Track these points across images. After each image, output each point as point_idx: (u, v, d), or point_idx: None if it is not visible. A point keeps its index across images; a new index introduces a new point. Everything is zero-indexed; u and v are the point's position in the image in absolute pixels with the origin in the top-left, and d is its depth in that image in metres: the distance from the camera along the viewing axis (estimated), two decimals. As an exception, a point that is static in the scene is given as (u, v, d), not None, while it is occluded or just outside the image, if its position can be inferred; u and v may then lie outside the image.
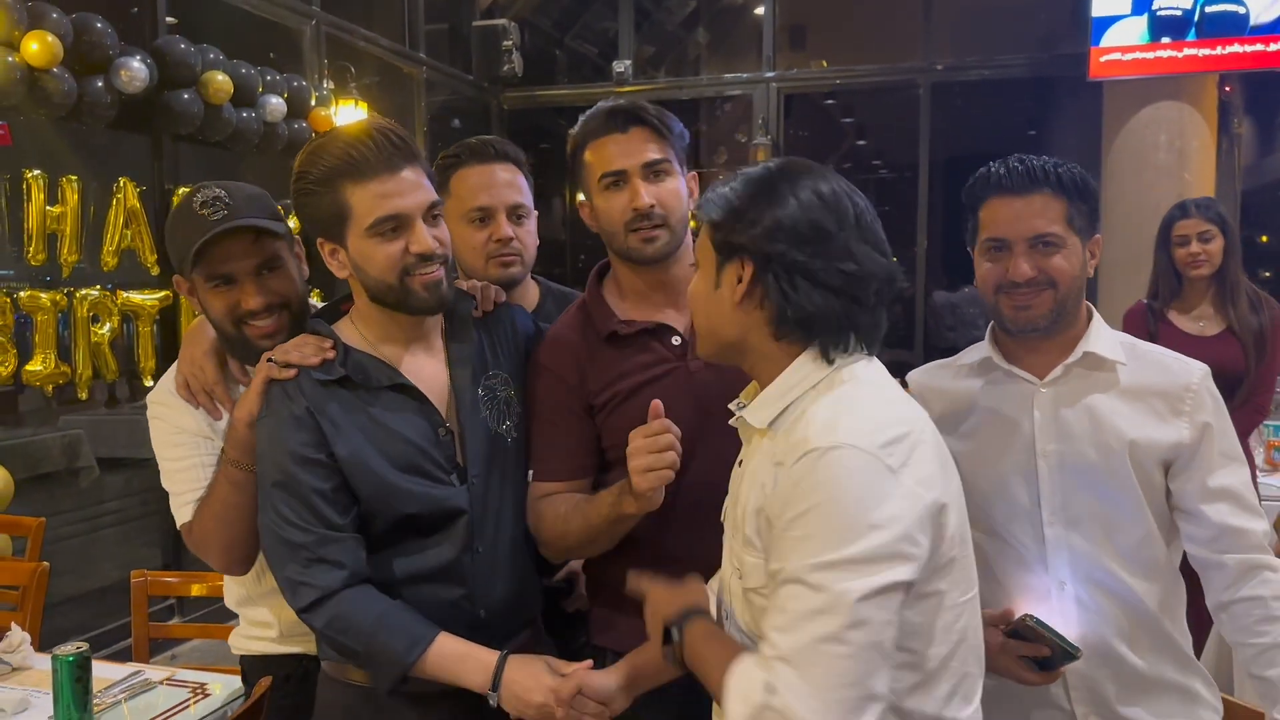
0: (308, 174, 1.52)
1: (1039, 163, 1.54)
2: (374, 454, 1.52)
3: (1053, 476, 1.56)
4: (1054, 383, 1.58)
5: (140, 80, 3.93)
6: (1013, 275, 1.53)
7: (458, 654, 1.49)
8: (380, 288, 1.53)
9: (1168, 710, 1.55)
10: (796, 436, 1.18)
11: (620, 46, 7.47)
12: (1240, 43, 5.83)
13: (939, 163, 7.76)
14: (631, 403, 1.63)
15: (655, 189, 1.60)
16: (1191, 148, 6.05)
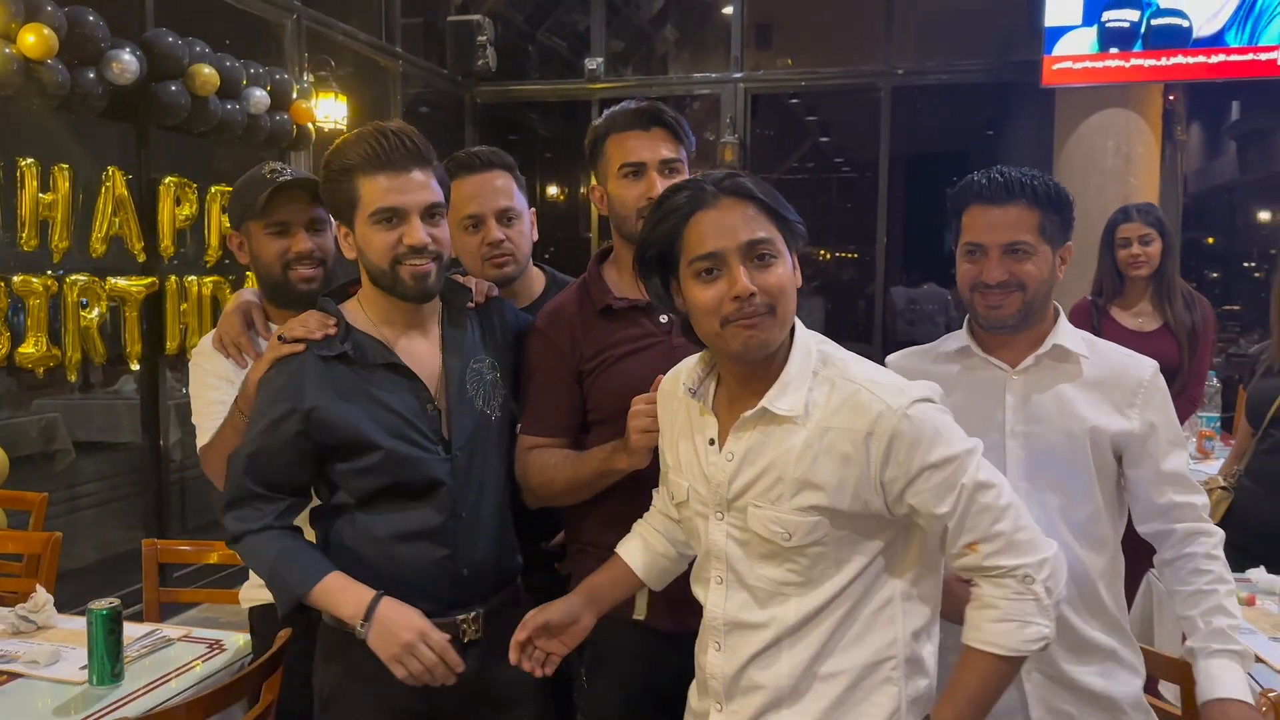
0: (332, 163, 1.74)
1: (1017, 175, 1.70)
2: (366, 420, 1.71)
3: (1019, 455, 1.72)
4: (1025, 371, 1.75)
5: (131, 72, 4.04)
6: (985, 278, 1.70)
7: (338, 587, 1.70)
8: (375, 271, 1.75)
9: (1101, 670, 1.73)
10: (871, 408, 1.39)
11: (592, 43, 7.64)
12: (1184, 54, 6.13)
13: (900, 162, 8.02)
14: (618, 368, 1.84)
15: (668, 183, 1.77)
16: (1137, 153, 6.35)
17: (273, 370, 1.76)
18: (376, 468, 1.72)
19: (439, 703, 1.75)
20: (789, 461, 1.42)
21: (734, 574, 1.49)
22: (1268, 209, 11.06)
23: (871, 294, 7.52)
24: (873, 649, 1.44)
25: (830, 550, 1.42)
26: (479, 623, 1.78)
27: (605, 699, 1.87)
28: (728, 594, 1.50)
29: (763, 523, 1.43)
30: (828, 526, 1.41)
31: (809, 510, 1.40)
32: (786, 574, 1.44)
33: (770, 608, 1.46)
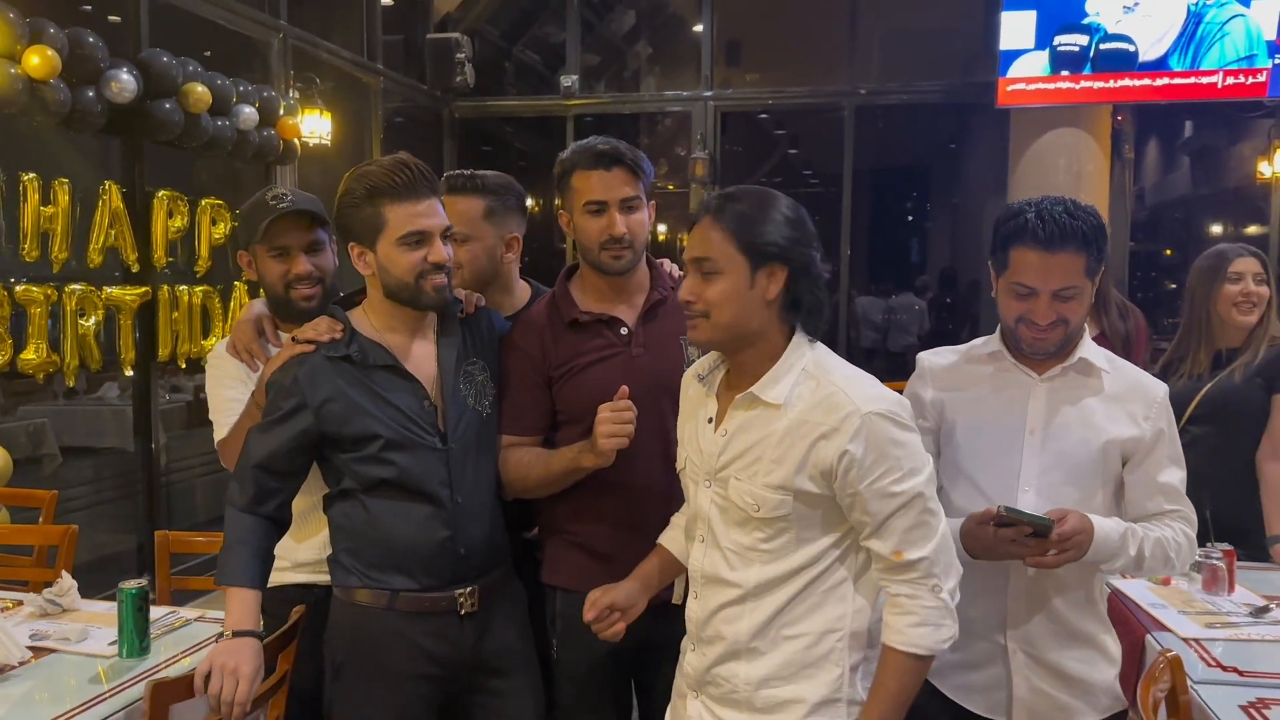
0: (354, 190, 1.93)
1: (1067, 220, 1.76)
2: (370, 413, 1.93)
3: (1035, 453, 1.85)
4: (1051, 379, 1.87)
5: (129, 91, 4.22)
6: (1035, 318, 1.79)
7: (234, 601, 1.90)
8: (398, 286, 1.95)
9: (1084, 657, 1.87)
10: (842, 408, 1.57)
11: (567, 59, 7.87)
12: (1130, 77, 6.45)
13: (864, 177, 8.30)
14: (584, 375, 2.05)
15: (627, 220, 2.02)
16: (1088, 171, 6.67)
17: (284, 368, 1.97)
18: (379, 457, 1.93)
19: (440, 670, 1.97)
20: (769, 444, 1.62)
21: (712, 535, 1.70)
22: (1218, 222, 11.47)
23: (836, 304, 7.78)
24: (824, 621, 1.65)
25: (793, 528, 1.63)
26: (475, 597, 1.99)
27: (575, 663, 2.11)
28: (706, 551, 1.72)
29: (739, 493, 1.64)
30: (792, 505, 1.61)
31: (778, 488, 1.60)
32: (754, 541, 1.65)
33: (738, 569, 1.68)
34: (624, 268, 2.04)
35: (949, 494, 1.93)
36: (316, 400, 1.93)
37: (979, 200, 8.53)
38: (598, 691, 2.11)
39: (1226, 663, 1.99)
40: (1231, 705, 1.81)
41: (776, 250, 1.60)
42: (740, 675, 1.68)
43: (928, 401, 1.97)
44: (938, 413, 1.96)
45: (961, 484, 1.92)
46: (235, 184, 5.64)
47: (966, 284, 9.77)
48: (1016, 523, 1.71)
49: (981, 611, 1.87)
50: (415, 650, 1.95)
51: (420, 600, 1.96)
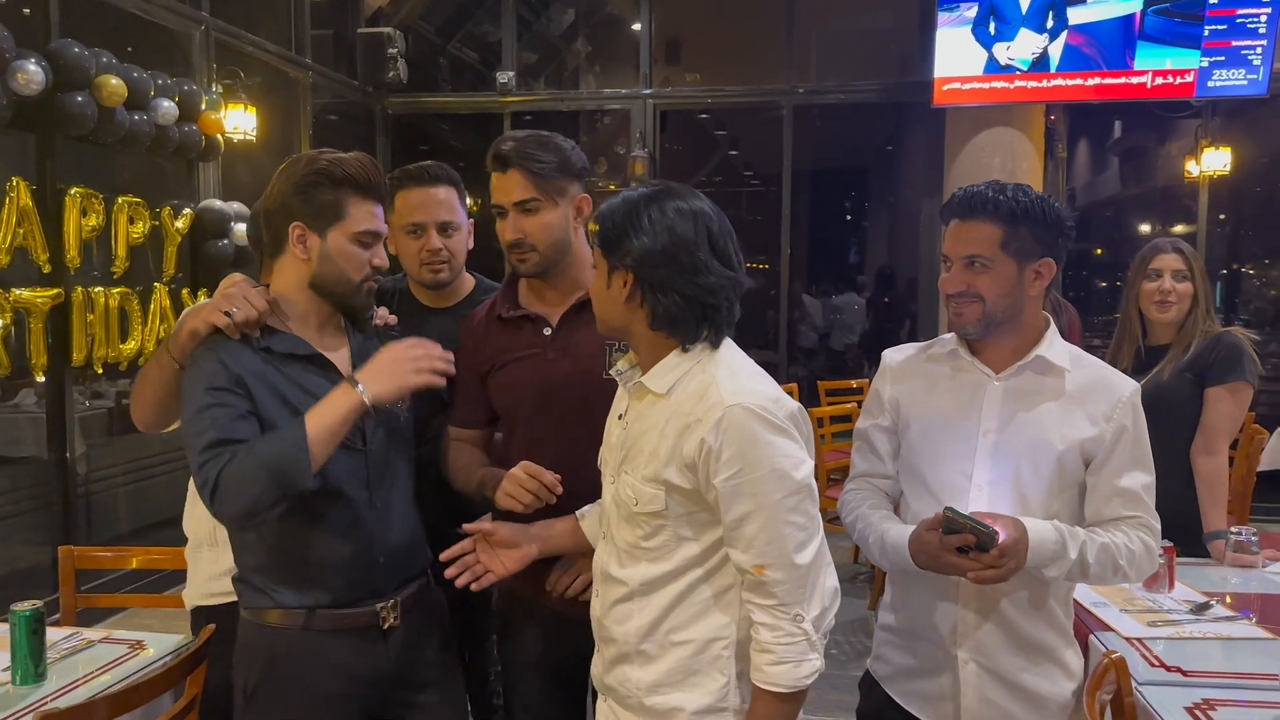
0: (323, 171, 1.82)
1: (987, 191, 1.75)
2: (293, 415, 1.78)
3: (987, 455, 1.79)
4: (1006, 378, 1.81)
5: (37, 83, 4.03)
6: (943, 287, 1.80)
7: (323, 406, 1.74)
8: (337, 281, 1.86)
9: (1040, 670, 1.80)
10: (709, 398, 1.54)
11: (504, 56, 7.75)
12: (1063, 77, 6.52)
13: (803, 177, 8.30)
14: (502, 374, 2.02)
15: (524, 222, 1.94)
16: (1022, 169, 6.73)
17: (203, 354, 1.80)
18: None
19: (362, 688, 1.86)
20: (650, 437, 1.60)
21: (609, 530, 1.70)
22: (1147, 221, 11.72)
23: (777, 303, 7.77)
24: (709, 627, 1.61)
25: (670, 525, 1.60)
26: (397, 611, 1.89)
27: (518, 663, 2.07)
28: (604, 548, 1.71)
29: (624, 487, 1.64)
30: (664, 501, 1.58)
31: (651, 481, 1.58)
32: (636, 538, 1.63)
33: (626, 567, 1.65)
34: (531, 271, 1.99)
35: (906, 495, 1.87)
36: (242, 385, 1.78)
37: (915, 200, 8.58)
38: (542, 689, 2.05)
39: (1170, 662, 1.96)
40: (1177, 707, 1.77)
41: (621, 260, 1.58)
42: (632, 679, 1.65)
43: (886, 399, 1.92)
44: (895, 410, 1.91)
45: (916, 485, 1.87)
46: (158, 181, 5.43)
47: (904, 283, 9.84)
48: (960, 528, 1.65)
49: (932, 619, 1.82)
50: (335, 670, 1.85)
51: (340, 617, 1.85)
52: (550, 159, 1.95)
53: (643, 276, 1.58)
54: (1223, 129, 6.94)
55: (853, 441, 2.00)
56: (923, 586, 1.83)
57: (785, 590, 1.52)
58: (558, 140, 1.99)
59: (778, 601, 1.53)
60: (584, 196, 2.02)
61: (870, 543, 1.84)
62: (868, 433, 1.95)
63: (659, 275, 1.57)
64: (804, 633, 1.53)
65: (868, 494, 1.92)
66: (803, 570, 1.52)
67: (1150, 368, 2.84)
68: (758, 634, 1.55)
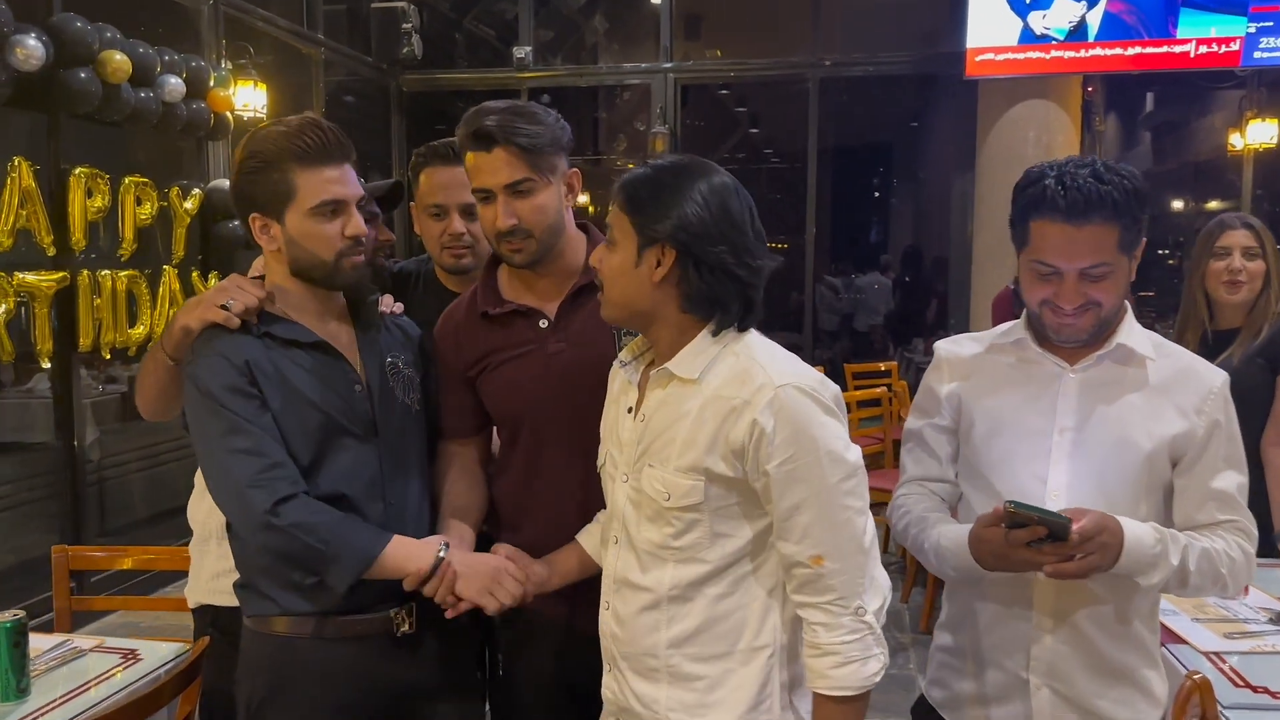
0: (258, 153, 1.66)
1: (1094, 187, 1.49)
2: (303, 405, 1.66)
3: (1063, 457, 1.59)
4: (1083, 369, 1.61)
5: (36, 58, 3.88)
6: (1060, 301, 1.54)
7: (406, 542, 1.66)
8: (312, 264, 1.69)
9: (1121, 696, 1.61)
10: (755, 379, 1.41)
11: (520, 32, 7.55)
12: (1101, 46, 6.27)
13: (828, 153, 8.09)
14: (496, 375, 1.81)
15: (518, 206, 1.70)
16: (1057, 143, 6.48)
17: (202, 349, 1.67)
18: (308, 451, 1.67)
19: (375, 699, 1.72)
20: (683, 425, 1.46)
21: (626, 534, 1.54)
22: (1180, 198, 11.42)
23: (803, 285, 7.57)
24: (754, 635, 1.47)
25: (705, 521, 1.45)
26: (413, 616, 1.74)
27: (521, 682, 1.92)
28: (620, 554, 1.55)
29: (650, 481, 1.48)
30: (704, 491, 1.44)
31: (689, 472, 1.44)
32: (665, 537, 1.47)
33: (651, 571, 1.49)
34: (526, 260, 1.76)
35: (968, 501, 1.69)
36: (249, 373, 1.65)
37: (944, 176, 8.35)
38: (548, 706, 1.88)
39: (1255, 681, 1.78)
40: (1269, 735, 1.59)
41: (665, 232, 1.43)
42: (661, 699, 1.49)
43: (943, 396, 1.72)
44: (955, 409, 1.71)
45: (980, 490, 1.67)
46: (166, 161, 5.29)
47: (931, 262, 9.62)
48: (1027, 521, 1.45)
49: (1001, 638, 1.64)
50: (347, 680, 1.70)
51: (351, 624, 1.70)
52: (540, 131, 1.71)
53: (688, 252, 1.43)
54: (1269, 100, 6.67)
55: (903, 443, 1.81)
56: (988, 602, 1.65)
57: (844, 582, 1.40)
58: (539, 109, 1.76)
59: (836, 595, 1.40)
60: (574, 171, 1.81)
61: (926, 549, 1.66)
62: (922, 433, 1.76)
63: (709, 252, 1.43)
64: (867, 626, 1.40)
65: (921, 498, 1.73)
66: (862, 559, 1.41)
67: (1218, 354, 2.63)
68: (815, 636, 1.42)
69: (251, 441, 1.61)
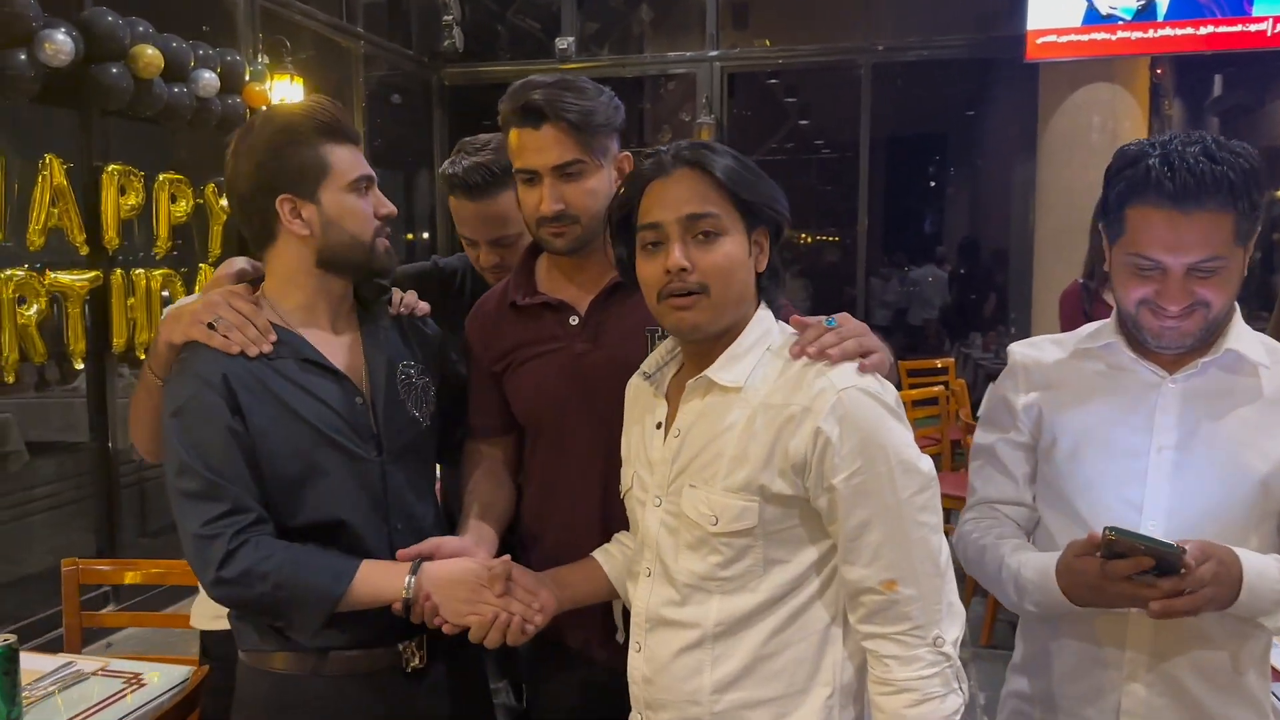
0: (286, 128, 1.54)
1: (1209, 168, 1.29)
2: (291, 421, 1.51)
3: (1162, 480, 1.40)
4: (1186, 379, 1.41)
5: (65, 54, 3.81)
6: (1163, 302, 1.35)
7: (375, 571, 1.50)
8: (349, 245, 1.56)
9: None
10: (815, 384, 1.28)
11: (563, 22, 7.41)
12: (1171, 26, 5.95)
13: (880, 142, 7.83)
14: (521, 373, 1.69)
15: (565, 190, 1.59)
16: (1124, 129, 6.18)
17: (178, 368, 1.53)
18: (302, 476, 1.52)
19: None
20: (729, 439, 1.31)
21: (661, 565, 1.39)
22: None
23: (854, 277, 7.34)
24: (805, 675, 1.31)
25: (758, 546, 1.31)
26: (423, 650, 1.60)
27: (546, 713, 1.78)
28: (653, 588, 1.40)
29: (693, 504, 1.33)
30: (758, 513, 1.29)
31: (740, 491, 1.30)
32: (710, 566, 1.32)
33: (691, 605, 1.34)
34: (569, 246, 1.63)
35: (1048, 527, 1.49)
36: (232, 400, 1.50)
37: (1004, 164, 8.05)
38: None
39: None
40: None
41: (769, 210, 1.35)
42: None
43: (1020, 408, 1.52)
44: (1033, 422, 1.52)
45: (1063, 516, 1.47)
46: (201, 157, 5.21)
47: (990, 253, 9.30)
48: (1130, 550, 1.26)
49: (1086, 686, 1.44)
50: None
51: (355, 660, 1.55)
52: (592, 107, 1.59)
53: (777, 229, 1.38)
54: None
55: (971, 459, 1.62)
56: (1071, 641, 1.45)
57: (921, 609, 1.25)
58: (590, 84, 1.63)
59: (912, 624, 1.25)
60: (625, 155, 1.68)
61: (1003, 580, 1.46)
62: (994, 449, 1.56)
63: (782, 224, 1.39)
64: (946, 658, 1.25)
65: (994, 523, 1.53)
66: (939, 582, 1.26)
67: None
68: (887, 672, 1.25)
69: (201, 484, 1.45)
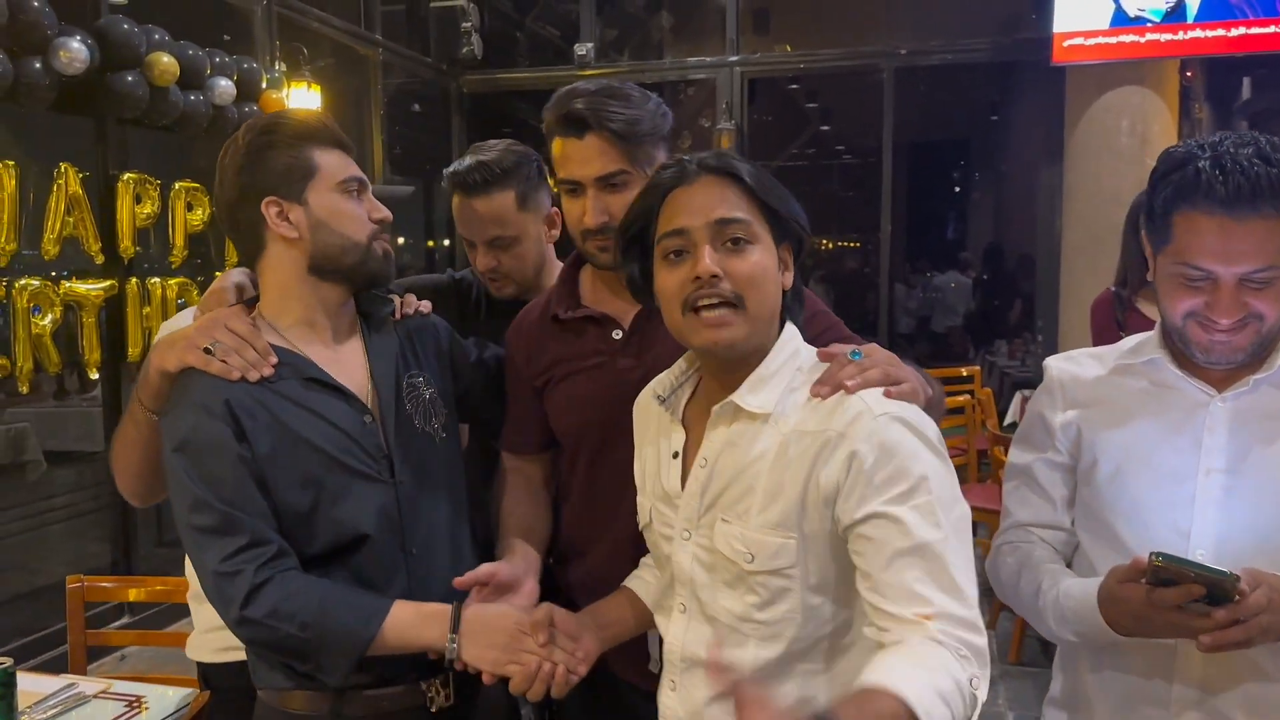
0: (268, 129, 1.50)
1: (1265, 171, 1.22)
2: (299, 446, 1.45)
3: (1212, 505, 1.33)
4: (1236, 397, 1.34)
5: (80, 61, 3.78)
6: (1213, 314, 1.28)
7: (409, 615, 1.43)
8: (345, 245, 1.50)
9: None
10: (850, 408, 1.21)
11: (582, 29, 7.36)
12: (1201, 28, 5.83)
13: (903, 148, 7.73)
14: (561, 388, 1.65)
15: (610, 201, 1.54)
16: (1153, 132, 6.05)
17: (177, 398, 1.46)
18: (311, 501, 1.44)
19: None
20: (761, 470, 1.24)
21: (697, 602, 1.31)
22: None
23: (877, 285, 7.24)
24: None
25: (796, 590, 1.22)
26: (449, 686, 1.52)
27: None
28: (688, 625, 1.33)
29: (727, 540, 1.25)
30: (794, 554, 1.21)
31: (776, 529, 1.22)
32: (747, 607, 1.25)
33: (728, 647, 1.26)
34: (611, 262, 1.55)
35: (1087, 553, 1.40)
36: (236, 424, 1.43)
37: (1029, 168, 7.93)
38: None
39: None
40: None
41: (795, 222, 1.30)
42: None
43: (1058, 426, 1.44)
44: (1072, 442, 1.43)
45: (1104, 542, 1.39)
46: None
47: (1016, 260, 9.18)
48: (1179, 578, 1.17)
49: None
50: None
51: (376, 699, 1.48)
52: (637, 116, 1.54)
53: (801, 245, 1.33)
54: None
55: (1006, 480, 1.53)
56: (1113, 673, 1.37)
57: (965, 650, 1.13)
58: (637, 91, 1.59)
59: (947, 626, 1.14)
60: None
61: (1042, 607, 1.37)
62: (1031, 469, 1.47)
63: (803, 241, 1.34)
64: (974, 701, 1.13)
65: (1031, 548, 1.45)
66: (973, 618, 1.15)
67: None
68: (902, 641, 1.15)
69: (217, 519, 1.39)
